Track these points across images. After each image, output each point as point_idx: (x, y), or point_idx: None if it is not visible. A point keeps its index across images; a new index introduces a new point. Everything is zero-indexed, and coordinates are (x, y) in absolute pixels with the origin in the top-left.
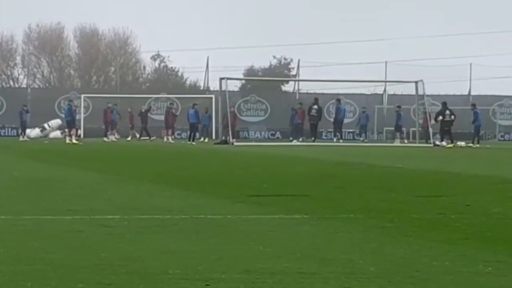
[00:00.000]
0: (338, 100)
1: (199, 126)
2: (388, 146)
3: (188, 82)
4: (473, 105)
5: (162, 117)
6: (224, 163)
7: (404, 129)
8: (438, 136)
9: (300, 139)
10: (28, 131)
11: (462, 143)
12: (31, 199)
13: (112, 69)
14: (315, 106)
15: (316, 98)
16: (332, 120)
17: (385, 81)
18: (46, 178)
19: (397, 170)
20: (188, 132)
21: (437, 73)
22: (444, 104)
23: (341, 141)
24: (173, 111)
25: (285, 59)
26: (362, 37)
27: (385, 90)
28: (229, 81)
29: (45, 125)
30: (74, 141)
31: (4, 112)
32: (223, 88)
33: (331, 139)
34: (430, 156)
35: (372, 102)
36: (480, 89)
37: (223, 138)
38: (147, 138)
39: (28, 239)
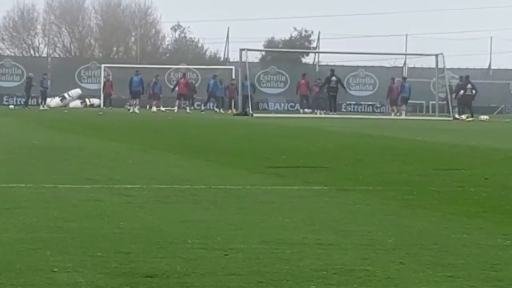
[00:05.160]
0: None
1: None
2: (407, 119)
3: (208, 53)
4: (467, 77)
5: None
6: (243, 134)
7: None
8: (457, 109)
9: (307, 110)
10: (48, 100)
11: (484, 117)
12: (51, 168)
13: (133, 39)
14: (334, 78)
15: (332, 69)
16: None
17: (405, 54)
18: (66, 147)
19: (416, 143)
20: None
21: (457, 47)
22: (467, 78)
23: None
24: (191, 81)
25: (306, 31)
26: (383, 10)
27: (405, 63)
28: (249, 52)
29: (65, 95)
30: (162, 108)
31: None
32: (243, 59)
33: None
34: (449, 129)
35: (392, 75)
36: (500, 63)
37: (243, 109)
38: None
39: (47, 208)
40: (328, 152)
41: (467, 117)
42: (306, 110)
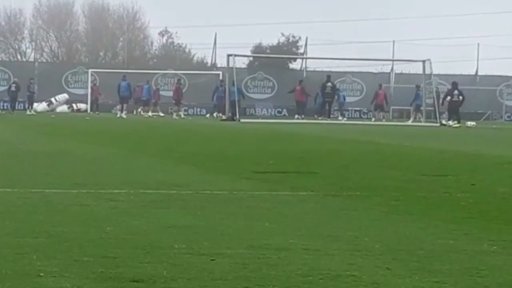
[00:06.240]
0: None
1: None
2: (395, 125)
3: (195, 59)
4: (454, 83)
5: (170, 93)
6: (230, 140)
7: (422, 108)
8: (445, 115)
9: (301, 116)
10: (35, 105)
11: (471, 123)
12: (38, 172)
13: (120, 44)
14: (329, 84)
15: (328, 75)
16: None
17: (393, 60)
18: (53, 152)
19: (404, 148)
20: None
21: (444, 53)
22: (454, 84)
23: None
24: (181, 87)
25: (293, 36)
26: (370, 16)
27: (392, 69)
28: (236, 58)
29: (52, 100)
30: (149, 114)
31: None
32: (231, 65)
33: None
34: (436, 135)
35: (379, 81)
36: (487, 69)
37: (230, 114)
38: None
39: (34, 212)
40: (315, 158)
41: (454, 123)
42: (303, 116)
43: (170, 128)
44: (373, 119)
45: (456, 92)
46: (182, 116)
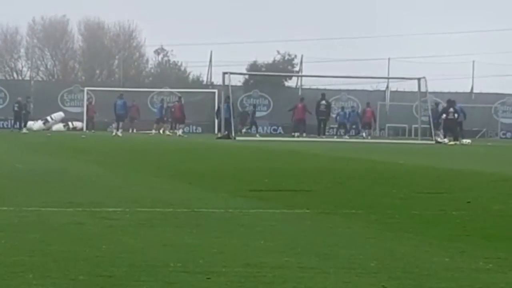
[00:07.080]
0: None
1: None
2: (390, 143)
3: (191, 77)
4: (449, 101)
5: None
6: (226, 158)
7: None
8: (439, 133)
9: (303, 134)
10: (30, 123)
11: (467, 141)
12: (33, 190)
13: (116, 62)
14: (324, 102)
15: (323, 94)
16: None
17: (388, 78)
18: (48, 170)
19: (399, 166)
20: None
21: (440, 70)
22: (449, 102)
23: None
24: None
25: (289, 54)
26: (366, 34)
27: (387, 87)
28: (232, 76)
29: (48, 118)
30: (168, 132)
31: (7, 105)
32: (226, 82)
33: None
34: (431, 153)
35: (374, 99)
36: (482, 86)
37: (225, 132)
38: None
39: (29, 231)
40: (311, 175)
41: (450, 141)
42: (304, 134)
43: (166, 146)
44: (368, 137)
45: (451, 110)
46: (171, 134)
